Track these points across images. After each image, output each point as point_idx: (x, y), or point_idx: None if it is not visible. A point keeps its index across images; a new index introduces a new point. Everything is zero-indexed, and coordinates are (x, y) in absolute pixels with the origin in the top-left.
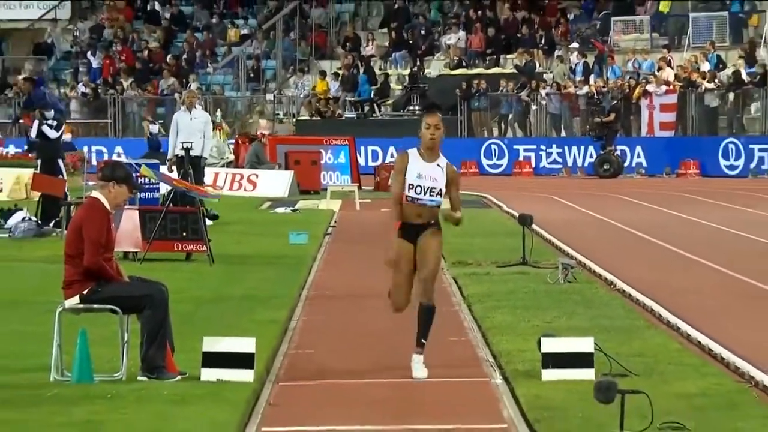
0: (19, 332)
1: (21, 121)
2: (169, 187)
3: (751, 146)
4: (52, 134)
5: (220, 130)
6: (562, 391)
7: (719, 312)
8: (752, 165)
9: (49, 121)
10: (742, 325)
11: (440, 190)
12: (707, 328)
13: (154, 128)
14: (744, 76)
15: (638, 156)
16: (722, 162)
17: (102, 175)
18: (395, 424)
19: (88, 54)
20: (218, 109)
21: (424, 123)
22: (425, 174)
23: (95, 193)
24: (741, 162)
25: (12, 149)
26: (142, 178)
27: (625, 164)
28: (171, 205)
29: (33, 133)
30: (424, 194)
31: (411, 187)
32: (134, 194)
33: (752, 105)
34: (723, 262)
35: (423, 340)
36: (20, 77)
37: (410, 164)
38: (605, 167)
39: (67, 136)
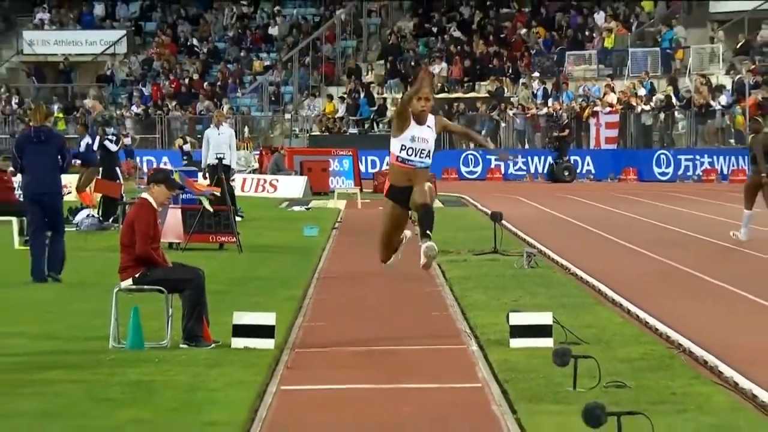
0: (83, 309)
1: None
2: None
3: (678, 157)
4: (113, 147)
5: (248, 143)
6: (526, 356)
7: (653, 291)
8: (680, 172)
9: (109, 137)
10: (671, 302)
11: (429, 151)
12: (644, 304)
13: (187, 147)
14: (673, 100)
15: (588, 164)
16: (655, 169)
17: (148, 179)
18: (389, 384)
19: (141, 82)
20: (246, 126)
21: (418, 90)
22: (418, 136)
23: (144, 195)
24: (670, 169)
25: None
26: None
27: (577, 171)
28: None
29: (95, 146)
30: (416, 155)
31: (403, 148)
32: (176, 194)
33: (679, 123)
34: (656, 250)
35: (428, 232)
36: (86, 101)
37: (408, 124)
38: (566, 173)
39: (127, 140)
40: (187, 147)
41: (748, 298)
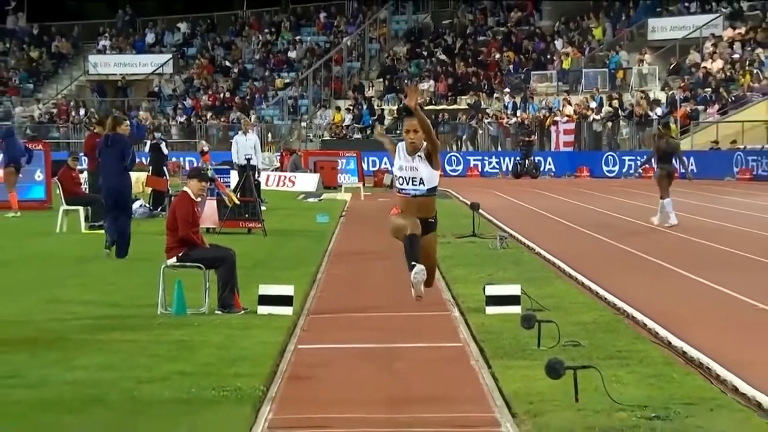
0: (138, 282)
1: None
2: (236, 183)
3: (623, 157)
4: (166, 151)
5: (271, 146)
6: (499, 320)
7: (602, 267)
8: (624, 170)
9: (162, 143)
10: (617, 276)
11: (421, 178)
12: (594, 277)
13: (206, 148)
14: (618, 111)
15: (549, 164)
16: (604, 168)
17: (186, 175)
18: (386, 343)
19: (183, 96)
20: (269, 133)
21: (404, 127)
22: (405, 166)
23: (185, 188)
24: (616, 168)
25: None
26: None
27: (541, 169)
28: (239, 195)
29: (146, 149)
30: (407, 184)
31: (396, 178)
32: (209, 185)
33: (623, 130)
34: (604, 233)
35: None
36: (140, 112)
37: (396, 156)
38: (533, 171)
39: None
40: (205, 148)
41: (677, 272)
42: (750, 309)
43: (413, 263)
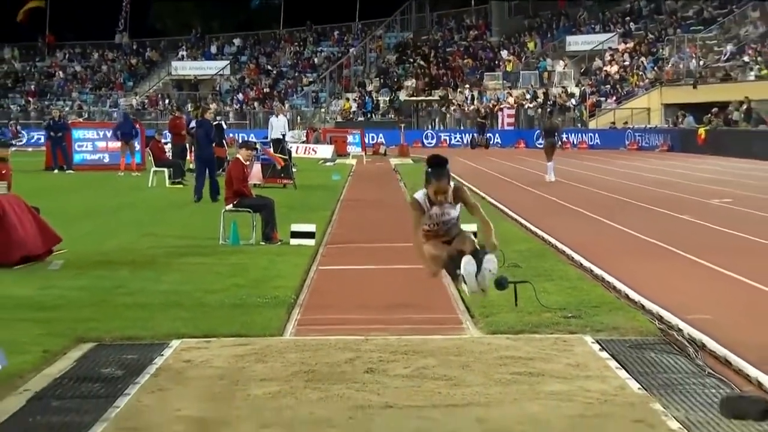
0: (206, 221)
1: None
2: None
3: None
4: (225, 128)
5: (299, 126)
6: None
7: (538, 212)
8: None
9: (223, 122)
10: (546, 217)
11: (454, 218)
12: (529, 218)
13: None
14: (547, 101)
15: (497, 138)
16: (536, 142)
17: (238, 146)
18: (387, 265)
19: (237, 91)
20: (298, 116)
21: (432, 188)
22: (435, 212)
23: (237, 155)
24: (544, 141)
25: None
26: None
27: (491, 142)
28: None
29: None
30: (440, 227)
31: (426, 224)
32: (255, 152)
33: (554, 114)
34: (536, 188)
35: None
36: (204, 106)
37: (425, 212)
38: (485, 144)
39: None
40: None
41: (583, 213)
42: (636, 239)
43: (457, 272)
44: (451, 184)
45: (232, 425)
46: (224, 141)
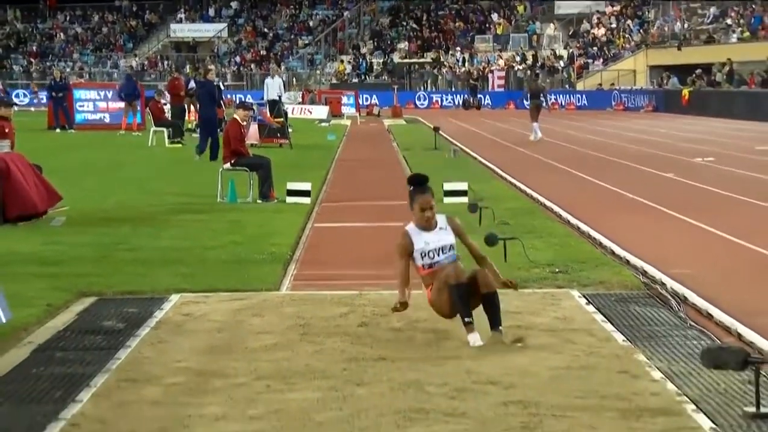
0: (204, 179)
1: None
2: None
3: None
4: (223, 89)
5: (295, 87)
6: (453, 208)
7: (526, 169)
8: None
9: (221, 83)
10: (533, 174)
11: (451, 244)
12: (517, 176)
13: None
14: (536, 63)
15: (488, 99)
16: (525, 102)
17: (235, 107)
18: (377, 223)
19: (235, 53)
20: (294, 78)
21: (418, 205)
22: (430, 240)
23: (235, 115)
24: None
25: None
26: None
27: (483, 103)
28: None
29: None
30: (438, 255)
31: (423, 255)
32: (252, 112)
33: (539, 76)
34: (522, 147)
35: (499, 327)
36: (207, 67)
37: (414, 242)
38: (477, 105)
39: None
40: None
41: (567, 170)
42: (621, 196)
43: (467, 319)
44: (440, 216)
45: (229, 377)
46: (222, 102)
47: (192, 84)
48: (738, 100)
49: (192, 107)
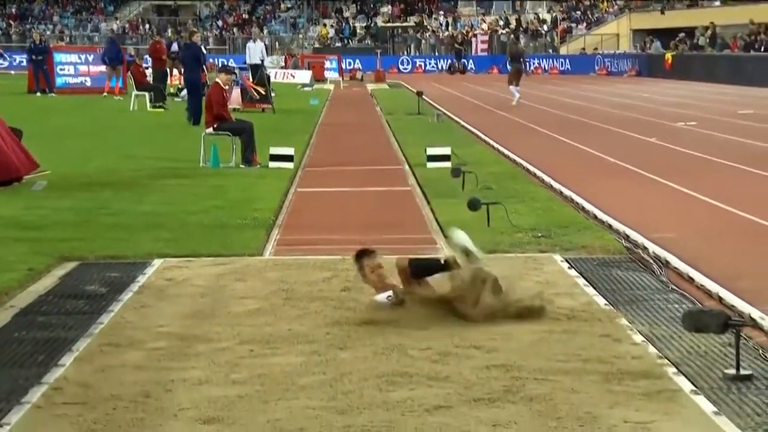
0: (186, 144)
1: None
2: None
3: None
4: (205, 52)
5: (277, 51)
6: (436, 172)
7: (503, 132)
8: (522, 68)
9: (202, 47)
10: (514, 138)
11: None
12: (499, 140)
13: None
14: (519, 28)
15: (472, 64)
16: (509, 67)
17: (218, 70)
18: (359, 188)
19: (217, 17)
20: (277, 42)
21: (366, 268)
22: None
23: (217, 79)
24: None
25: None
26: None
27: (468, 68)
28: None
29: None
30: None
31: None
32: (234, 76)
33: (522, 40)
34: (505, 111)
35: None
36: (192, 29)
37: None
38: (464, 70)
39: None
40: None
41: (549, 135)
42: (603, 161)
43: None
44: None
45: (212, 341)
46: (204, 66)
47: (174, 47)
48: (721, 64)
49: (175, 71)
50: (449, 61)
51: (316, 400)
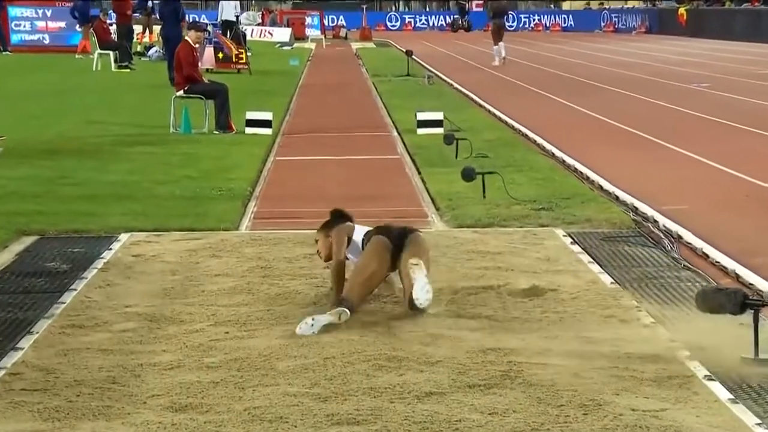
0: (155, 108)
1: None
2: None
3: (520, 15)
4: (181, 11)
5: (253, 7)
6: (427, 139)
7: (499, 95)
8: (521, 25)
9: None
10: (510, 100)
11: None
12: (496, 104)
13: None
14: None
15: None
16: (507, 24)
17: (187, 27)
18: (344, 156)
19: None
20: None
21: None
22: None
23: (186, 37)
24: (515, 23)
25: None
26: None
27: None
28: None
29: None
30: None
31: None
32: (206, 34)
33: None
34: (507, 73)
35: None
36: None
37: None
38: (469, 27)
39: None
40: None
41: (551, 98)
42: (609, 126)
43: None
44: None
45: (184, 323)
46: (181, 22)
47: (148, 2)
48: (739, 19)
49: (148, 29)
50: (452, 16)
51: (297, 387)
